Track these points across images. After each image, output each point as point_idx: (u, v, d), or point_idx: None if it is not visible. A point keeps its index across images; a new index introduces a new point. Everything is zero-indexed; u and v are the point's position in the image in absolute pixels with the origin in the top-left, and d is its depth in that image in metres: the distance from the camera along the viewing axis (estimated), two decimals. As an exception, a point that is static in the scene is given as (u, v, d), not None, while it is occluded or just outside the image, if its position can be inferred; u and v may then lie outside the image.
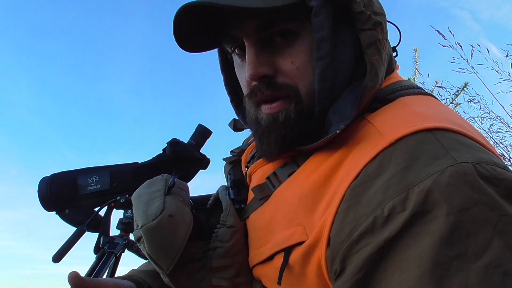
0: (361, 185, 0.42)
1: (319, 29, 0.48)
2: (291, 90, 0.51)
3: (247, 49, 0.52)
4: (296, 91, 0.51)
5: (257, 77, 0.51)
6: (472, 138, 0.44)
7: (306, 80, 0.51)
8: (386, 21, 0.51)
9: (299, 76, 0.51)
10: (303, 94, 0.51)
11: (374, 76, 0.49)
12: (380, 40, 0.49)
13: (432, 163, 0.39)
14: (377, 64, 0.49)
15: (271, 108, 0.53)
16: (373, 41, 0.49)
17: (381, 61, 0.49)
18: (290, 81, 0.51)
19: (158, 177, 0.60)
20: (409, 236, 0.37)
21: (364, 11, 0.48)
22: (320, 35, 0.48)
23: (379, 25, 0.49)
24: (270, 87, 0.52)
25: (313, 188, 0.48)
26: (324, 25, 0.48)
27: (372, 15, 0.49)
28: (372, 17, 0.49)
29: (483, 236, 0.34)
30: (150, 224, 0.50)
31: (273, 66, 0.51)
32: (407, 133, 0.43)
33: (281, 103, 0.52)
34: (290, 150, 0.54)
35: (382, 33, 0.50)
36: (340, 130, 0.46)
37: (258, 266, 0.53)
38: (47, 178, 0.82)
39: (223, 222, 0.57)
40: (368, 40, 0.49)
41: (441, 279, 0.34)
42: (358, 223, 0.40)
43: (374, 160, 0.43)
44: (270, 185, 0.56)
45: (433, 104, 0.52)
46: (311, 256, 0.45)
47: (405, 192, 0.38)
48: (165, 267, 0.51)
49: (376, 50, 0.49)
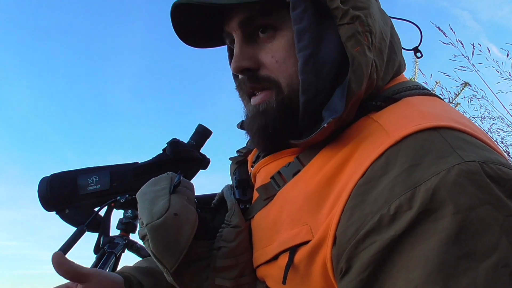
0: (367, 184, 0.42)
1: (299, 21, 0.49)
2: (272, 83, 0.53)
3: (235, 44, 0.55)
4: (277, 83, 0.53)
5: (239, 70, 0.54)
6: (478, 137, 0.43)
7: (287, 73, 0.52)
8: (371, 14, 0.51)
9: (279, 70, 0.53)
10: (283, 86, 0.53)
11: (357, 67, 0.48)
12: (360, 32, 0.49)
13: (439, 162, 0.39)
14: (359, 56, 0.48)
15: (255, 100, 0.56)
16: (351, 33, 0.49)
17: (364, 52, 0.48)
18: (271, 74, 0.53)
19: (163, 175, 0.60)
20: (415, 234, 0.36)
21: (340, 6, 0.49)
22: (300, 27, 0.49)
23: (357, 19, 0.49)
24: (252, 80, 0.54)
25: (319, 188, 0.48)
26: (303, 17, 0.49)
27: (350, 10, 0.49)
28: (349, 12, 0.49)
29: (490, 236, 0.34)
30: (155, 222, 0.50)
31: (256, 60, 0.54)
32: (413, 131, 0.43)
33: (264, 95, 0.55)
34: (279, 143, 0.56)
35: (362, 26, 0.49)
36: (328, 123, 0.46)
37: (263, 266, 0.53)
38: (47, 178, 0.82)
39: (228, 222, 0.57)
40: (347, 33, 0.49)
41: (449, 278, 0.34)
42: (364, 222, 0.40)
43: (380, 158, 0.43)
44: (274, 184, 0.56)
45: (438, 104, 0.52)
46: (317, 256, 0.44)
47: (411, 190, 0.38)
48: (169, 266, 0.51)
49: (356, 42, 0.48)
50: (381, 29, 0.53)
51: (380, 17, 0.55)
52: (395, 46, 0.58)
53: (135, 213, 0.86)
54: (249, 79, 0.55)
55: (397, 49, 0.58)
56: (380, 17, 0.55)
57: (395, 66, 0.57)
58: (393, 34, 0.58)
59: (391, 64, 0.56)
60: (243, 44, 0.54)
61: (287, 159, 0.56)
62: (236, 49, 0.55)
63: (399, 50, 0.59)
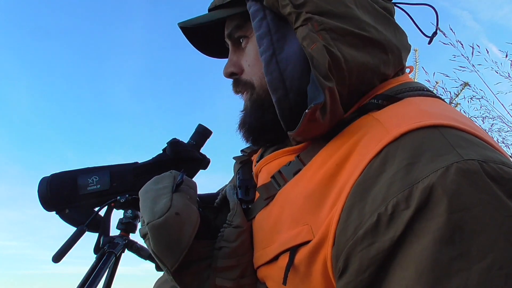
0: (365, 182, 0.42)
1: (257, 29, 0.55)
2: (248, 85, 0.61)
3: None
4: (251, 85, 0.61)
5: (227, 75, 0.64)
6: (480, 136, 0.43)
7: (257, 75, 0.59)
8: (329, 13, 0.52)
9: (251, 73, 0.60)
10: (257, 87, 0.60)
11: (317, 63, 0.49)
12: (314, 31, 0.50)
13: (437, 159, 0.38)
14: (315, 52, 0.49)
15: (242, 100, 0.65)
16: (306, 34, 0.50)
17: (321, 48, 0.49)
18: (247, 77, 0.61)
19: (166, 173, 0.60)
20: (412, 234, 0.36)
21: (292, 11, 0.51)
22: (259, 33, 0.55)
23: (309, 20, 0.51)
24: (236, 84, 0.64)
25: (319, 187, 0.48)
26: (261, 25, 0.55)
27: (303, 13, 0.51)
28: (302, 15, 0.51)
29: (487, 237, 0.34)
30: (156, 221, 0.50)
31: (239, 66, 0.63)
32: (412, 128, 0.43)
33: (244, 95, 0.63)
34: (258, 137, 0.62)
35: (316, 25, 0.51)
36: (309, 109, 0.48)
37: (263, 267, 0.53)
38: (47, 178, 0.82)
39: (230, 222, 0.57)
40: (302, 34, 0.51)
41: (441, 278, 0.33)
42: (362, 221, 0.39)
43: (379, 156, 0.43)
44: (275, 184, 0.56)
45: (440, 105, 0.52)
46: (317, 256, 0.44)
47: (409, 189, 0.37)
48: (170, 265, 0.51)
49: (311, 40, 0.49)
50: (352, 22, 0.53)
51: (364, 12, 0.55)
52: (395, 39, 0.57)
53: (135, 213, 0.85)
54: (234, 83, 0.64)
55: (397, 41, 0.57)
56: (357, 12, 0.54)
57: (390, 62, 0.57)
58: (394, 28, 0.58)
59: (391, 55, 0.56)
60: (231, 52, 0.64)
61: (288, 158, 0.56)
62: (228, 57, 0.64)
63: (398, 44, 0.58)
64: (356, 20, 0.54)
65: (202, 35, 0.68)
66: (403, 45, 0.60)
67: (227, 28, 0.63)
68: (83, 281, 0.74)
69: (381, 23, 0.56)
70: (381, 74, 0.56)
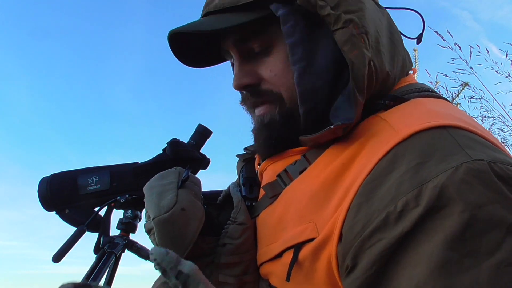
0: (374, 181, 0.42)
1: (290, 36, 0.51)
2: (274, 96, 0.55)
3: (234, 61, 0.58)
4: (279, 96, 0.55)
5: (240, 87, 0.57)
6: (486, 138, 0.44)
7: (287, 85, 0.54)
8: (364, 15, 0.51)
9: (279, 82, 0.55)
10: (286, 98, 0.55)
11: (357, 72, 0.48)
12: (356, 35, 0.49)
13: (447, 159, 0.39)
14: (357, 60, 0.48)
15: (259, 111, 0.58)
16: (347, 38, 0.49)
17: (362, 55, 0.49)
18: (273, 87, 0.55)
19: (171, 169, 0.60)
20: (422, 232, 0.37)
21: (331, 13, 0.49)
22: (292, 41, 0.51)
23: (350, 22, 0.49)
24: (254, 95, 0.57)
25: (325, 185, 0.48)
26: (294, 31, 0.51)
27: (342, 14, 0.49)
28: (342, 17, 0.49)
29: (496, 235, 0.35)
30: (162, 216, 0.50)
31: (255, 75, 0.56)
32: (421, 128, 0.43)
33: (266, 106, 0.57)
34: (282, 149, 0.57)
35: (357, 28, 0.49)
36: (335, 126, 0.47)
37: (266, 264, 0.53)
38: (47, 178, 0.82)
39: (234, 219, 0.57)
40: (342, 38, 0.49)
41: (452, 275, 0.34)
42: (371, 219, 0.40)
43: (387, 156, 0.43)
44: (281, 182, 0.56)
45: (447, 106, 0.52)
46: (321, 253, 0.45)
47: (418, 188, 0.38)
48: None
49: (353, 46, 0.49)
50: (377, 28, 0.53)
51: (378, 16, 0.56)
52: (396, 42, 0.58)
53: (135, 213, 0.85)
54: (252, 94, 0.57)
55: (399, 44, 0.58)
56: (376, 15, 0.55)
57: (399, 63, 0.57)
58: (393, 31, 0.59)
59: (395, 60, 0.56)
60: (241, 62, 0.57)
61: (294, 157, 0.57)
62: (235, 67, 0.57)
63: (401, 46, 0.59)
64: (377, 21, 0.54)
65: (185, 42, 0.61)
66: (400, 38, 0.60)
67: (237, 34, 0.55)
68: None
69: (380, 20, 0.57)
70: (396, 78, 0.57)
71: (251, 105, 0.59)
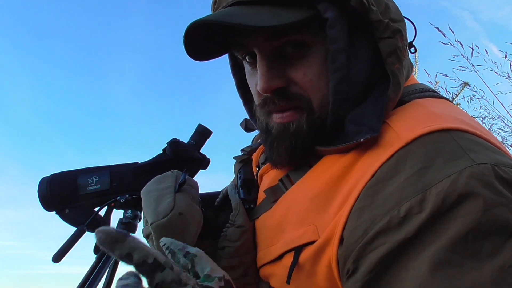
0: (376, 185, 0.42)
1: (335, 41, 0.47)
2: (304, 101, 0.51)
3: (259, 61, 0.51)
4: (309, 102, 0.51)
5: (270, 90, 0.50)
6: (489, 140, 0.43)
7: (319, 92, 0.50)
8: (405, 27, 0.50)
9: (311, 88, 0.50)
10: (315, 106, 0.51)
11: (396, 85, 0.48)
12: (400, 48, 0.48)
13: (450, 164, 0.39)
14: (398, 73, 0.48)
15: (282, 117, 0.52)
16: (393, 49, 0.48)
17: (401, 69, 0.49)
18: (303, 92, 0.50)
19: (168, 173, 0.59)
20: (425, 237, 0.37)
21: (382, 19, 0.47)
22: (336, 47, 0.47)
23: (398, 32, 0.48)
24: (283, 98, 0.51)
25: (326, 188, 0.48)
26: (339, 37, 0.47)
27: (390, 23, 0.48)
28: (390, 25, 0.48)
29: (499, 237, 0.34)
30: (160, 221, 0.50)
31: (285, 77, 0.50)
32: (423, 133, 0.43)
33: (293, 113, 0.51)
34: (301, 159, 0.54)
35: (402, 40, 0.49)
36: (365, 139, 0.45)
37: (266, 266, 0.53)
38: (47, 178, 0.82)
39: (232, 222, 0.57)
40: (388, 48, 0.48)
41: (453, 277, 0.34)
42: (373, 223, 0.40)
43: (390, 160, 0.43)
44: (283, 187, 0.56)
45: (448, 107, 0.52)
46: (322, 256, 0.45)
47: (422, 193, 0.38)
48: None
49: (397, 59, 0.48)
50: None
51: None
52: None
53: (135, 213, 0.85)
54: (280, 98, 0.51)
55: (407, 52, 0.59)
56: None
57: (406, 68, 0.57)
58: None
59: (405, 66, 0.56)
60: (269, 61, 0.50)
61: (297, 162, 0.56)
62: (262, 68, 0.50)
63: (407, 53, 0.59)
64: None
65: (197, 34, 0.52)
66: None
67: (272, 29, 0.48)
68: (83, 281, 0.74)
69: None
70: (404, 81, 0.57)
71: (276, 110, 0.52)
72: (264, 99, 0.53)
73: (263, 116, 0.55)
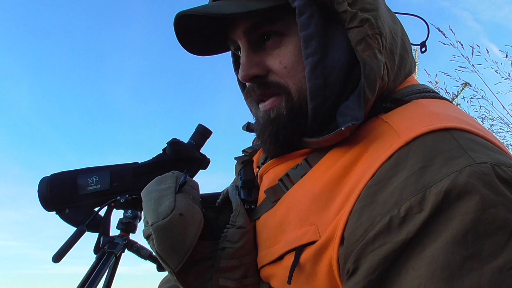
0: (376, 185, 0.42)
1: (305, 27, 0.49)
2: (281, 88, 0.53)
3: (241, 52, 0.55)
4: (286, 88, 0.53)
5: (248, 78, 0.54)
6: (489, 140, 0.43)
7: (296, 78, 0.52)
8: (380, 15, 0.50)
9: (288, 75, 0.53)
10: (293, 92, 0.53)
11: (369, 72, 0.48)
12: (370, 35, 0.48)
13: (450, 163, 0.39)
14: (370, 60, 0.48)
15: (265, 106, 0.56)
16: (362, 37, 0.48)
17: (375, 56, 0.48)
18: (280, 79, 0.53)
19: (168, 174, 0.59)
20: (425, 236, 0.36)
21: (348, 10, 0.48)
22: (306, 33, 0.49)
23: (366, 21, 0.48)
24: (261, 86, 0.55)
25: (327, 188, 0.48)
26: (310, 23, 0.49)
27: (359, 12, 0.48)
28: (358, 15, 0.48)
29: (500, 238, 0.34)
30: (161, 222, 0.50)
31: (264, 67, 0.54)
32: (423, 132, 0.43)
33: (273, 100, 0.55)
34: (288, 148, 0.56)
35: (372, 28, 0.49)
36: (346, 127, 0.46)
37: (267, 267, 0.53)
38: (47, 178, 0.82)
39: (233, 223, 0.57)
40: (357, 37, 0.48)
41: (453, 278, 0.34)
42: (373, 223, 0.40)
43: (390, 159, 0.43)
44: (283, 186, 0.56)
45: (449, 107, 0.52)
46: (323, 256, 0.44)
47: (422, 193, 0.38)
48: (174, 266, 0.51)
49: (367, 46, 0.48)
50: (391, 28, 0.53)
51: (389, 16, 0.55)
52: (407, 45, 0.58)
53: (135, 213, 0.85)
54: (258, 86, 0.55)
55: (408, 48, 0.58)
56: (388, 16, 0.55)
57: (406, 66, 0.57)
58: (403, 33, 0.58)
59: (403, 64, 0.56)
60: (249, 52, 0.55)
61: (296, 161, 0.56)
62: (242, 57, 0.55)
63: (409, 49, 0.59)
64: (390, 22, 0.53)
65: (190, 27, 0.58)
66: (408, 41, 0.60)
67: (249, 21, 0.53)
68: (83, 281, 0.74)
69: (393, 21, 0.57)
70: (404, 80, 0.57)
71: (257, 98, 0.56)
72: (247, 90, 0.57)
73: (253, 108, 0.59)
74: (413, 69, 0.60)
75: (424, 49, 0.60)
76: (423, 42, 0.60)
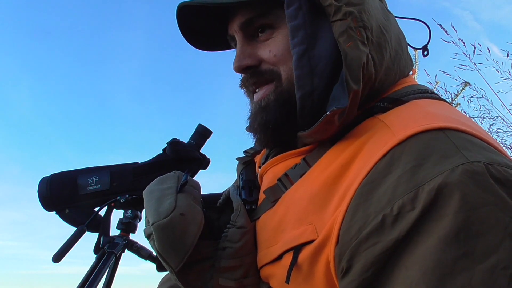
0: (371, 183, 0.42)
1: (292, 19, 0.52)
2: (273, 74, 0.56)
3: (236, 45, 0.59)
4: (278, 74, 0.55)
5: (241, 68, 0.57)
6: (485, 140, 0.43)
7: (287, 66, 0.54)
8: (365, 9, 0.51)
9: (278, 62, 0.55)
10: (283, 78, 0.55)
11: (350, 62, 0.48)
12: (353, 28, 0.49)
13: (443, 161, 0.39)
14: (351, 51, 0.49)
15: (257, 96, 0.58)
16: (344, 29, 0.49)
17: (356, 47, 0.49)
18: (272, 66, 0.56)
19: (170, 173, 0.60)
20: (417, 234, 0.37)
21: (332, 3, 0.50)
22: (294, 23, 0.51)
23: (350, 15, 0.50)
24: (254, 75, 0.57)
25: (324, 187, 0.48)
26: (297, 15, 0.51)
27: (344, 6, 0.50)
28: (342, 8, 0.50)
29: (492, 237, 0.34)
30: (162, 221, 0.50)
31: (256, 57, 0.57)
32: (418, 131, 0.43)
33: (264, 90, 0.57)
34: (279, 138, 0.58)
35: (355, 21, 0.50)
36: (330, 111, 0.47)
37: (267, 267, 0.53)
38: (47, 178, 0.82)
39: (234, 223, 0.57)
40: (339, 29, 0.49)
41: (444, 277, 0.34)
42: (367, 221, 0.40)
43: (384, 158, 0.43)
44: (281, 186, 0.56)
45: (446, 108, 0.52)
46: (320, 255, 0.45)
47: (414, 191, 0.38)
48: (174, 265, 0.51)
49: (349, 37, 0.49)
50: (380, 23, 0.54)
51: (380, 12, 0.56)
52: (402, 42, 0.58)
53: (135, 213, 0.85)
54: (251, 75, 0.57)
55: (404, 46, 0.59)
56: (379, 12, 0.55)
57: (401, 62, 0.57)
58: (399, 32, 0.59)
59: (397, 59, 0.56)
60: (243, 44, 0.58)
61: (294, 160, 0.56)
62: (237, 50, 0.58)
63: (405, 47, 0.59)
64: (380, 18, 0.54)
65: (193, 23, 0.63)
66: (404, 40, 0.60)
67: (244, 15, 0.56)
68: (83, 281, 0.74)
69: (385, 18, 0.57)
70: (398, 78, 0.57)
71: (250, 87, 0.59)
72: (242, 81, 0.60)
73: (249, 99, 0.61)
74: (409, 67, 0.60)
75: (426, 52, 0.61)
76: (425, 46, 0.61)
